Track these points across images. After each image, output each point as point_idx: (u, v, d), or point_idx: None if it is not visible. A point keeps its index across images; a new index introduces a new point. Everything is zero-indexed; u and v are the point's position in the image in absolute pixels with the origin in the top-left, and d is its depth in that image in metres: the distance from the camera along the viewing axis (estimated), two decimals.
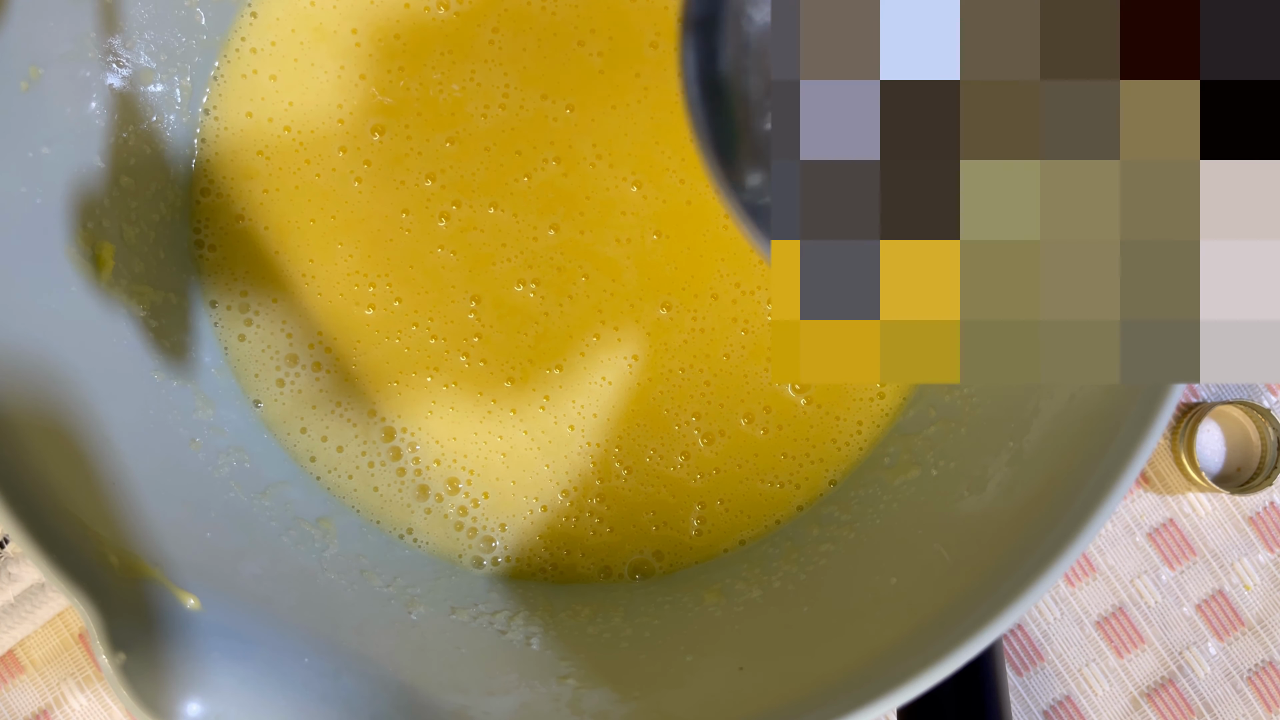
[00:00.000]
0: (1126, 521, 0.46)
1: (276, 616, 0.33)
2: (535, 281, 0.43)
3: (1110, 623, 0.46)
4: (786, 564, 0.40)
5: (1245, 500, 0.46)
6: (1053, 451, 0.33)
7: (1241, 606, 0.46)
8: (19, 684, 0.45)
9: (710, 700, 0.33)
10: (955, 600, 0.31)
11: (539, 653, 0.38)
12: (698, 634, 0.38)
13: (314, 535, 0.39)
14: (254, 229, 0.43)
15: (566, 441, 0.43)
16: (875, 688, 0.28)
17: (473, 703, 0.33)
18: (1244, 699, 0.46)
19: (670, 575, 0.43)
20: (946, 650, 0.28)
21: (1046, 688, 0.46)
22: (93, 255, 0.37)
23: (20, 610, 0.44)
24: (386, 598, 0.38)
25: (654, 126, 0.43)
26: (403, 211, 0.43)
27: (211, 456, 0.38)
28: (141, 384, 0.37)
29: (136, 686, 0.26)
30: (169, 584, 0.30)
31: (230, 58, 0.43)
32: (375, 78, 0.43)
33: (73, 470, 0.31)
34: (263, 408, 0.43)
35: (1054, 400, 0.34)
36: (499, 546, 0.43)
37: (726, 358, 0.43)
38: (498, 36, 0.43)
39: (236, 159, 0.43)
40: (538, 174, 0.43)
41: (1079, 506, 0.29)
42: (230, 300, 0.43)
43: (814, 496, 0.43)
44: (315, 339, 0.43)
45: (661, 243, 0.43)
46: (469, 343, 0.43)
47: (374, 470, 0.43)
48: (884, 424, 0.43)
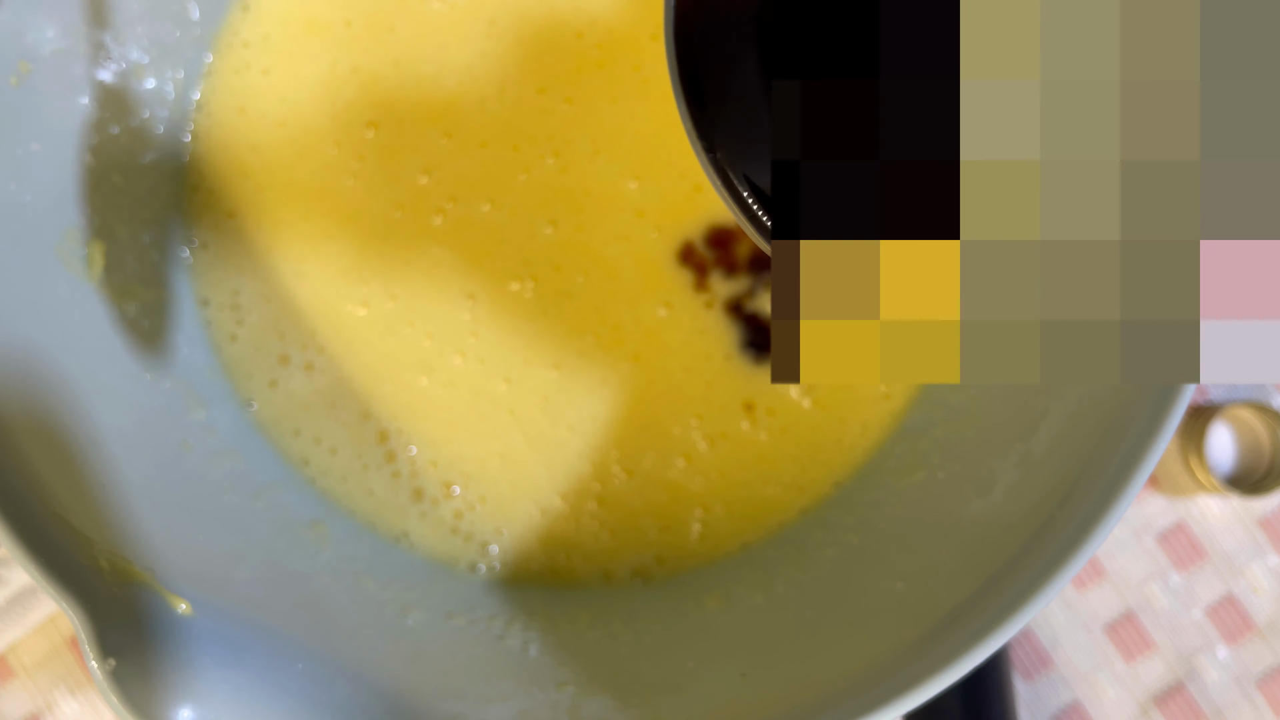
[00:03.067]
0: (1135, 524, 0.46)
1: (269, 621, 0.32)
2: (532, 280, 0.43)
3: (1119, 628, 0.46)
4: (790, 568, 0.40)
5: (1256, 503, 0.46)
6: (1061, 454, 0.32)
7: (1252, 611, 0.46)
8: (9, 689, 0.45)
9: (712, 707, 0.33)
10: (962, 605, 0.30)
11: (537, 659, 0.37)
12: (699, 640, 0.38)
13: (308, 539, 0.39)
14: (246, 226, 0.43)
15: (564, 444, 0.43)
16: (880, 694, 0.28)
17: (469, 710, 0.33)
18: (1254, 705, 0.45)
19: (671, 580, 0.42)
20: (953, 656, 0.28)
21: (1054, 694, 0.45)
22: (83, 254, 0.37)
23: (10, 615, 0.44)
24: (381, 602, 0.38)
25: (654, 121, 0.43)
26: (397, 208, 0.43)
27: (204, 458, 0.38)
28: (133, 384, 0.37)
29: (127, 692, 0.26)
30: (160, 588, 0.30)
31: (222, 52, 0.43)
32: (369, 72, 0.43)
33: (62, 473, 0.31)
34: (256, 409, 0.42)
35: (1063, 402, 0.34)
36: (496, 551, 0.42)
37: (728, 359, 0.43)
38: (495, 29, 0.43)
39: (228, 155, 0.43)
40: (535, 170, 0.43)
41: (1088, 509, 0.29)
42: (222, 299, 0.43)
43: (818, 500, 0.43)
44: (308, 339, 0.42)
45: (661, 240, 0.43)
46: (464, 342, 0.43)
47: (368, 473, 0.42)
48: (890, 426, 0.43)
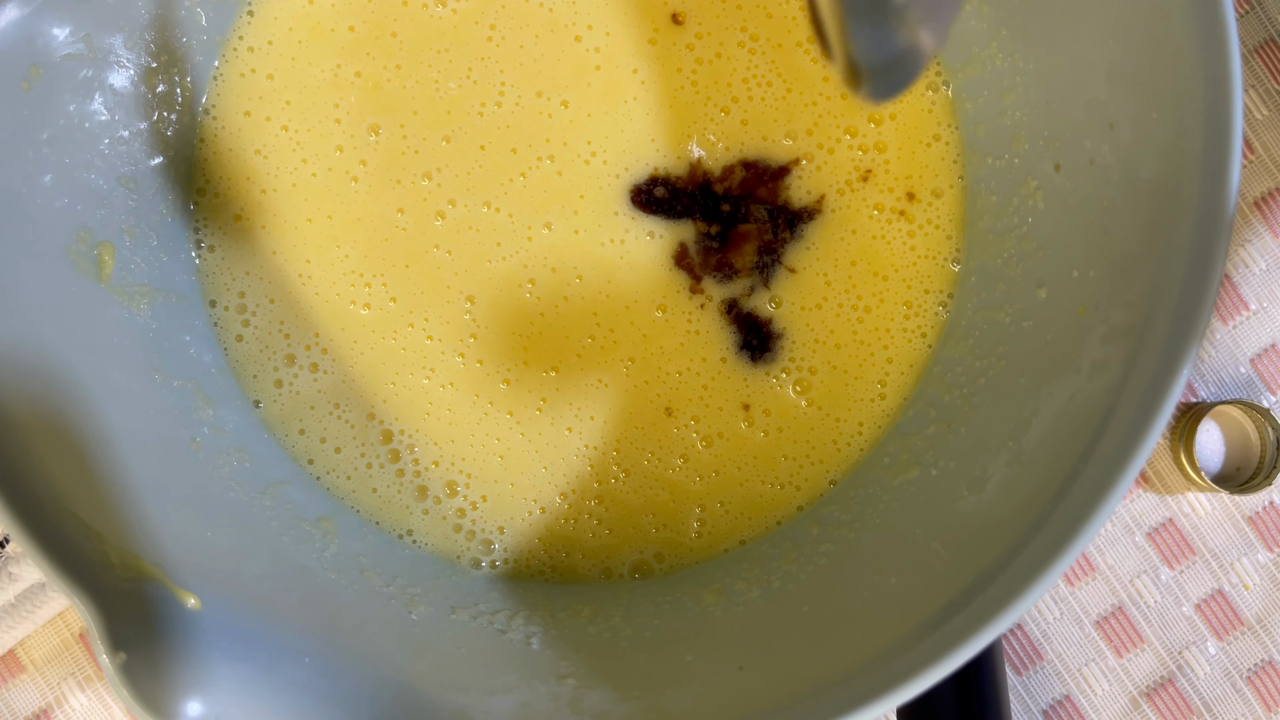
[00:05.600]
0: (1126, 521, 0.46)
1: (277, 616, 0.33)
2: (531, 281, 0.43)
3: (1110, 622, 0.46)
4: (786, 564, 0.40)
5: (1245, 500, 0.46)
6: (1052, 451, 0.33)
7: (1241, 606, 0.46)
8: (19, 683, 0.45)
9: (710, 699, 0.33)
10: (954, 599, 0.31)
11: (539, 652, 0.38)
12: (698, 633, 0.38)
13: (314, 535, 0.39)
14: (252, 228, 0.43)
15: (564, 444, 0.43)
16: (875, 686, 0.28)
17: (473, 702, 0.33)
18: (1243, 698, 0.46)
19: (670, 575, 0.43)
20: (946, 649, 0.28)
21: (1046, 687, 0.46)
22: (94, 255, 0.37)
23: (21, 610, 0.44)
24: (387, 597, 0.38)
25: (649, 122, 0.43)
26: (399, 210, 0.43)
27: (212, 456, 0.38)
28: (142, 384, 0.37)
29: (137, 686, 0.26)
30: (169, 584, 0.30)
31: (228, 57, 0.43)
32: (372, 76, 0.43)
33: (73, 470, 0.31)
34: (262, 408, 0.43)
35: (1054, 400, 0.34)
36: (498, 548, 0.43)
37: (724, 361, 0.43)
38: (495, 33, 0.43)
39: (235, 158, 0.43)
40: (533, 172, 0.43)
41: (1078, 506, 0.29)
42: (229, 300, 0.43)
43: (814, 497, 0.43)
44: (312, 339, 0.43)
45: (656, 243, 0.43)
46: (465, 343, 0.43)
47: (372, 472, 0.43)
48: (885, 425, 0.43)
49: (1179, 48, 0.30)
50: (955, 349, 0.42)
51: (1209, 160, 0.29)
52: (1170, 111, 0.31)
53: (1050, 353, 0.36)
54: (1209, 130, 0.29)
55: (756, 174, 0.43)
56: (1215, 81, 0.29)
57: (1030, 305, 0.38)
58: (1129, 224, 0.33)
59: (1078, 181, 0.36)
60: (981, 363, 0.40)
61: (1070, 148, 0.37)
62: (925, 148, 0.44)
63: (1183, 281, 0.29)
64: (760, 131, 0.43)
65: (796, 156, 0.43)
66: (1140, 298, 0.31)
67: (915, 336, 0.43)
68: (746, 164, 0.43)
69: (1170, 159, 0.31)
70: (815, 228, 0.43)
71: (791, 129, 0.43)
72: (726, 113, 0.43)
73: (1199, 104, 0.29)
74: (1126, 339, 0.31)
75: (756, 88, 0.43)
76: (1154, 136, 0.32)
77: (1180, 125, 0.30)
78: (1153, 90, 0.31)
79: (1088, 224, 0.35)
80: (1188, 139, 0.30)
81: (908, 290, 0.43)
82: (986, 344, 0.40)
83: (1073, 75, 0.36)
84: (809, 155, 0.43)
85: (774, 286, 0.43)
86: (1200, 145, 0.29)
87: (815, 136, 0.43)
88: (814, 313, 0.43)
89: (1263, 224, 0.47)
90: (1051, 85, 0.38)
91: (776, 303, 0.43)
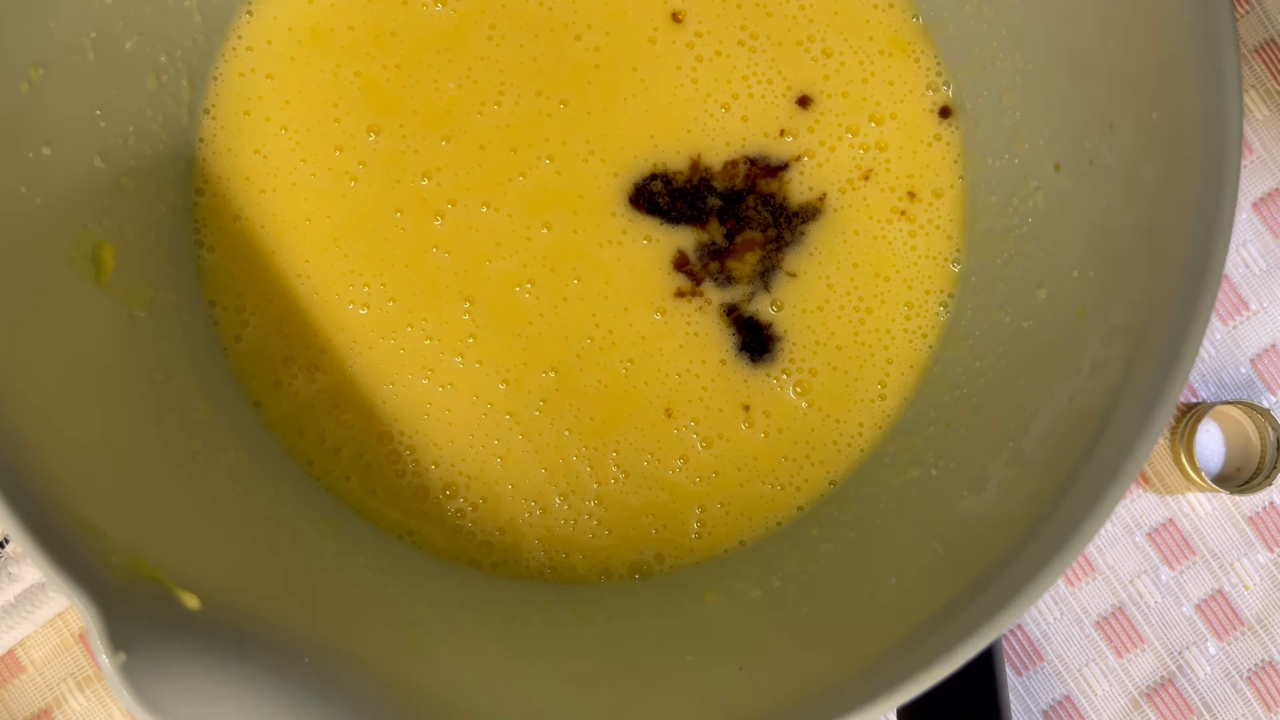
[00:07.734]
0: (1126, 521, 0.46)
1: (277, 616, 0.33)
2: (529, 282, 0.43)
3: (1110, 622, 0.46)
4: (787, 564, 0.40)
5: (1245, 500, 0.46)
6: (1052, 451, 0.33)
7: (1241, 606, 0.46)
8: (19, 684, 0.45)
9: (710, 700, 0.33)
10: (955, 600, 0.31)
11: (539, 653, 0.38)
12: (698, 634, 0.38)
13: (314, 536, 0.39)
14: (251, 229, 0.43)
15: (563, 445, 0.43)
16: (875, 687, 0.28)
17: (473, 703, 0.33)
18: (1244, 699, 0.46)
19: (670, 576, 0.43)
20: (946, 649, 0.28)
21: (1046, 687, 0.46)
22: (93, 256, 0.37)
23: (20, 610, 0.44)
24: (386, 598, 0.38)
25: (649, 121, 0.43)
26: (398, 211, 0.43)
27: (211, 456, 0.38)
28: (142, 384, 0.37)
29: (137, 686, 0.26)
30: (169, 584, 0.30)
31: (228, 57, 0.43)
32: (371, 76, 0.43)
33: (73, 471, 0.31)
34: (262, 408, 0.43)
35: (1054, 400, 0.34)
36: (498, 550, 0.43)
37: (724, 362, 0.43)
38: (495, 33, 0.43)
39: (234, 159, 0.43)
40: (532, 172, 0.43)
41: (1078, 506, 0.29)
42: (228, 301, 0.43)
43: (814, 498, 0.43)
44: (311, 340, 0.43)
45: (653, 246, 0.43)
46: (463, 344, 0.43)
47: (371, 473, 0.43)
48: (885, 426, 0.43)
49: (1179, 48, 0.30)
50: (955, 350, 0.42)
51: (1209, 160, 0.29)
52: (1170, 111, 0.31)
53: (1050, 353, 0.36)
54: (1209, 130, 0.29)
55: (758, 168, 0.43)
56: (1215, 81, 0.29)
57: (1030, 306, 0.38)
58: (1129, 224, 0.33)
59: (1078, 181, 0.36)
60: (981, 363, 0.40)
61: (1070, 148, 0.37)
62: (926, 147, 0.44)
63: (1183, 281, 0.29)
64: (761, 129, 0.43)
65: (798, 154, 0.43)
66: (1140, 298, 0.31)
67: (916, 337, 0.43)
68: (748, 159, 0.43)
69: (1170, 159, 0.31)
70: (817, 230, 0.43)
71: (792, 127, 0.43)
72: (727, 110, 0.43)
73: (1199, 104, 0.29)
74: (1126, 339, 0.31)
75: (757, 85, 0.44)
76: (1154, 136, 0.32)
77: (1180, 125, 0.30)
78: (1153, 90, 0.31)
79: (1088, 224, 0.35)
80: (1188, 139, 0.30)
81: (909, 291, 0.43)
82: (987, 344, 0.40)
83: (1073, 75, 0.36)
84: (810, 152, 0.43)
85: (775, 291, 0.43)
86: (1200, 145, 0.29)
87: (816, 134, 0.43)
88: (815, 315, 0.43)
89: (1263, 224, 0.47)
90: (1051, 85, 0.38)
91: (778, 306, 0.43)
